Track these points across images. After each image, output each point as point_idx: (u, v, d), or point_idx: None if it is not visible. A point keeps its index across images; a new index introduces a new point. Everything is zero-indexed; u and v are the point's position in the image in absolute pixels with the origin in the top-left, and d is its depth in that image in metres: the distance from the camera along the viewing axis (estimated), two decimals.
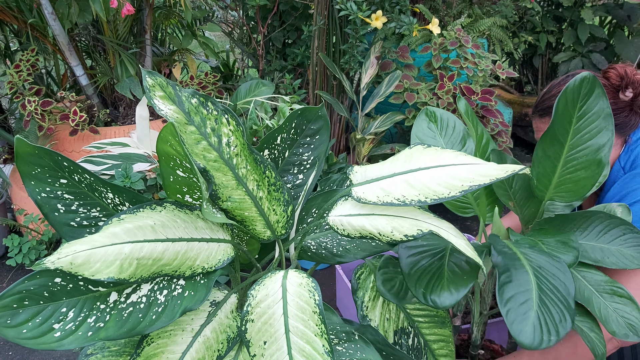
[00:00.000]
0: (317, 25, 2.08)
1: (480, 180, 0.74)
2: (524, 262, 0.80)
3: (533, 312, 0.72)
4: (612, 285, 0.86)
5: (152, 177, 1.80)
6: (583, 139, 0.89)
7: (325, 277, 2.02)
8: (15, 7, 1.98)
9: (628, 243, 0.88)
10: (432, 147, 0.84)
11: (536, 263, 0.79)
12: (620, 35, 2.89)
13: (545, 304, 0.73)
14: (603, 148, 0.88)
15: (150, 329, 0.73)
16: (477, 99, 2.00)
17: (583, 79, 0.87)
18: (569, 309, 0.73)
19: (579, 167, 0.90)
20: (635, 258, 0.86)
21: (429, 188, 0.75)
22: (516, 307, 0.73)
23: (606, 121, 0.87)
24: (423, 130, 1.05)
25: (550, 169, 0.92)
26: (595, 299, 0.85)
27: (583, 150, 0.89)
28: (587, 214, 0.92)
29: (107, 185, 0.85)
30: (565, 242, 0.84)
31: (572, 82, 0.88)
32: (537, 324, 0.71)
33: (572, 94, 0.88)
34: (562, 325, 0.71)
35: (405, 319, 0.97)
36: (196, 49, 2.74)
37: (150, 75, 0.84)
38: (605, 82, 1.22)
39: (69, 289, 0.74)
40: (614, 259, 0.87)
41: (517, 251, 0.82)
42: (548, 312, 0.72)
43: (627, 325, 0.82)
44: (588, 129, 0.88)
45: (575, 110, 0.88)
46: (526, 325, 0.71)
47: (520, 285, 0.76)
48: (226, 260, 0.83)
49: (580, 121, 0.89)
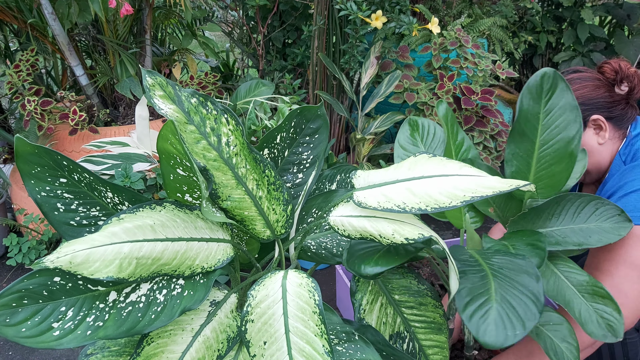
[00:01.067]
0: (317, 25, 2.08)
1: (483, 192, 0.73)
2: (483, 266, 0.80)
3: (493, 310, 0.71)
4: (594, 286, 0.86)
5: (152, 176, 1.80)
6: (552, 134, 0.90)
7: (325, 277, 2.02)
8: (15, 7, 1.98)
9: (603, 216, 0.88)
10: (437, 157, 0.84)
11: (497, 265, 0.79)
12: (620, 34, 2.89)
13: (507, 300, 0.72)
14: (573, 140, 0.89)
15: (149, 328, 0.73)
16: (477, 99, 2.00)
17: (543, 75, 0.89)
18: (536, 301, 0.71)
19: (553, 161, 0.90)
20: (615, 229, 0.86)
21: (430, 197, 0.75)
22: (475, 309, 0.72)
23: (573, 114, 0.88)
24: (405, 138, 1.06)
25: (524, 166, 0.93)
26: (577, 299, 0.85)
27: (554, 144, 0.90)
28: (557, 199, 0.92)
29: (107, 185, 0.85)
30: (533, 244, 0.85)
31: (532, 79, 0.89)
32: (499, 321, 0.70)
33: (535, 89, 0.89)
34: (528, 317, 0.70)
35: (401, 323, 0.97)
36: (196, 49, 2.74)
37: (150, 74, 0.84)
38: (601, 77, 1.23)
39: (68, 288, 0.74)
40: (597, 236, 0.87)
41: (477, 257, 0.83)
42: (510, 308, 0.71)
43: (607, 326, 0.81)
44: (556, 123, 0.89)
45: (542, 106, 0.89)
46: (488, 324, 0.70)
47: (478, 288, 0.75)
48: (226, 260, 0.83)
49: (547, 116, 0.89)
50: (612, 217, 0.87)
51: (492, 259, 0.81)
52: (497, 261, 0.80)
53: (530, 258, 0.81)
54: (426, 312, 0.98)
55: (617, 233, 0.85)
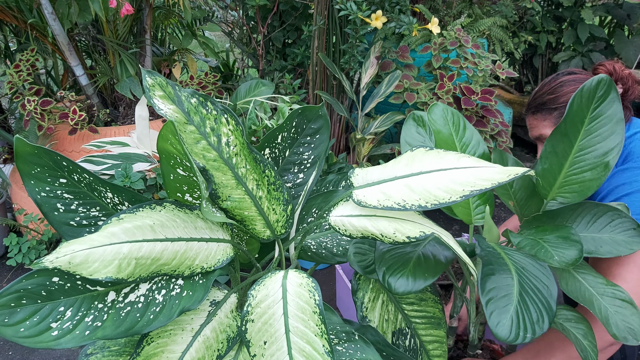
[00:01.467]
0: (317, 25, 2.08)
1: (482, 185, 0.73)
2: (507, 261, 0.80)
3: (513, 306, 0.73)
4: (613, 289, 0.86)
5: (152, 176, 1.80)
6: (593, 141, 0.89)
7: (325, 277, 2.02)
8: (15, 7, 1.98)
9: (618, 229, 0.88)
10: (434, 150, 0.83)
11: (520, 264, 0.80)
12: (620, 34, 2.89)
13: (525, 302, 0.74)
14: (612, 152, 0.88)
15: (147, 328, 0.73)
16: (477, 99, 2.00)
17: (600, 81, 0.87)
18: (549, 311, 0.73)
19: (586, 168, 0.90)
20: (628, 243, 0.86)
21: (429, 192, 0.75)
22: (497, 298, 0.74)
23: (617, 125, 0.87)
24: (412, 135, 1.05)
25: (556, 166, 0.92)
26: (597, 300, 0.85)
27: (592, 152, 0.89)
28: (573, 207, 0.92)
29: (106, 185, 0.84)
30: (566, 237, 0.84)
31: (588, 82, 0.87)
32: (515, 318, 0.72)
33: (588, 94, 0.88)
34: (539, 325, 0.72)
35: (403, 320, 0.98)
36: (196, 49, 2.74)
37: (150, 74, 0.84)
38: None
39: (66, 288, 0.74)
40: (608, 247, 0.86)
41: (501, 252, 0.83)
42: (527, 310, 0.73)
43: (627, 329, 0.81)
44: (599, 132, 0.88)
45: (589, 111, 0.88)
46: (505, 318, 0.72)
47: (502, 280, 0.76)
48: (225, 260, 0.83)
49: (592, 122, 0.88)
50: (627, 231, 0.87)
51: (514, 257, 0.81)
52: (519, 259, 0.81)
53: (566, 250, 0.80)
54: (426, 308, 0.98)
55: (630, 247, 0.85)
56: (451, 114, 1.04)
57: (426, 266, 0.83)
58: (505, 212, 2.49)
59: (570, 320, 0.90)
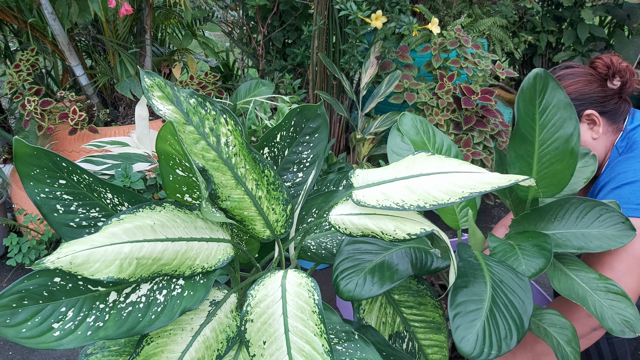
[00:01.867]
0: (317, 25, 2.08)
1: (481, 187, 0.74)
2: (485, 273, 0.80)
3: (480, 321, 0.73)
4: (606, 283, 0.86)
5: (152, 177, 1.80)
6: (550, 132, 0.90)
7: (325, 277, 2.02)
8: (15, 7, 1.98)
9: (607, 223, 0.88)
10: (436, 155, 0.84)
11: (498, 277, 0.80)
12: (620, 34, 2.89)
13: (495, 317, 0.74)
14: (572, 137, 0.89)
15: (149, 328, 0.73)
16: (477, 99, 2.00)
17: (536, 76, 0.89)
18: (519, 328, 0.73)
19: (554, 160, 0.91)
20: (617, 237, 0.86)
21: (429, 194, 0.75)
22: (465, 312, 0.74)
23: (567, 111, 0.89)
24: (398, 144, 1.06)
25: (526, 167, 0.93)
26: (590, 297, 0.85)
27: (553, 143, 0.90)
28: (561, 202, 0.93)
29: (106, 186, 0.85)
30: (540, 245, 0.85)
31: (525, 81, 0.90)
32: (481, 334, 0.71)
33: (529, 91, 0.90)
34: (506, 342, 0.71)
35: (401, 323, 0.98)
36: (196, 49, 2.74)
37: (148, 75, 0.84)
38: (593, 72, 1.24)
39: (68, 289, 0.74)
40: (598, 242, 0.87)
41: (482, 262, 0.83)
42: (495, 326, 0.73)
43: (623, 322, 0.82)
44: (552, 122, 0.90)
45: (536, 107, 0.90)
46: (470, 333, 0.71)
47: (474, 293, 0.76)
48: (226, 259, 0.83)
49: (542, 116, 0.90)
50: (615, 225, 0.87)
51: (494, 268, 0.82)
52: (498, 271, 0.81)
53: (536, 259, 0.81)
54: (425, 312, 0.98)
55: (620, 241, 0.86)
56: (420, 123, 1.06)
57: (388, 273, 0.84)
58: (505, 212, 2.49)
59: (556, 325, 0.90)
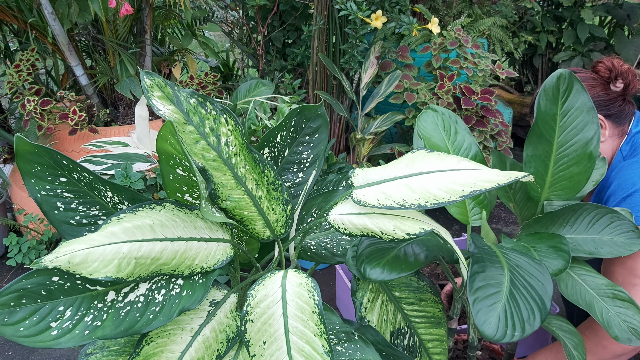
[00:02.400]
0: (317, 25, 2.08)
1: (482, 185, 0.73)
2: (501, 259, 0.80)
3: (501, 304, 0.72)
4: (613, 289, 0.86)
5: (152, 176, 1.80)
6: (570, 135, 0.89)
7: (325, 277, 2.02)
8: (15, 7, 1.98)
9: (617, 230, 0.88)
10: (434, 152, 0.84)
11: (514, 262, 0.80)
12: (620, 34, 2.89)
13: (515, 299, 0.73)
14: (591, 141, 0.88)
15: (147, 328, 0.73)
16: (477, 99, 2.00)
17: (559, 76, 0.88)
18: (542, 309, 0.72)
19: (571, 163, 0.90)
20: (627, 244, 0.86)
21: (429, 192, 0.75)
22: (484, 296, 0.73)
23: (590, 115, 0.88)
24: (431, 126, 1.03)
25: (542, 168, 0.92)
26: (597, 303, 0.85)
27: (572, 146, 0.89)
28: (574, 207, 0.92)
29: (106, 184, 0.85)
30: (556, 246, 0.85)
31: (548, 80, 0.88)
32: (502, 316, 0.71)
33: (552, 91, 0.89)
34: (529, 322, 0.71)
35: (402, 319, 0.98)
36: (196, 49, 2.74)
37: (148, 75, 0.84)
38: (595, 76, 1.24)
39: (66, 288, 0.74)
40: (608, 248, 0.87)
41: (497, 250, 0.83)
42: (517, 307, 0.72)
43: (630, 330, 0.81)
44: (574, 124, 0.89)
45: (558, 107, 0.89)
46: (492, 316, 0.71)
47: (492, 277, 0.76)
48: (225, 259, 0.83)
49: (564, 118, 0.89)
50: (626, 232, 0.88)
51: (509, 255, 0.81)
52: (514, 258, 0.80)
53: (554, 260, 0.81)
54: (426, 308, 0.99)
55: (629, 248, 0.86)
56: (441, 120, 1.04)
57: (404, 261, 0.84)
58: (506, 212, 2.49)
59: (564, 330, 0.90)
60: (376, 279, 0.80)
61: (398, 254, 0.85)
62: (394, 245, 0.87)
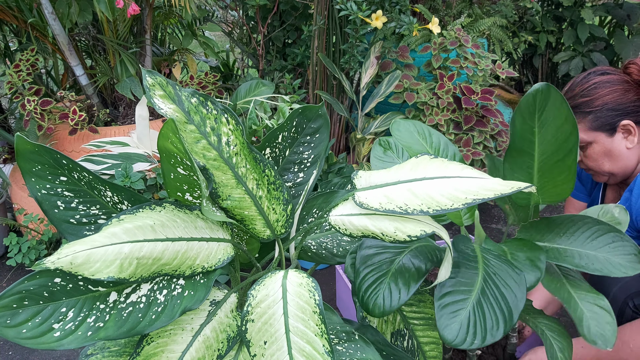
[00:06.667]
0: (317, 25, 2.08)
1: (485, 194, 0.73)
2: (479, 265, 0.80)
3: (465, 311, 0.73)
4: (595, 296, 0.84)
5: (152, 176, 1.80)
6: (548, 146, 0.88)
7: (325, 277, 2.02)
8: (15, 7, 1.98)
9: (617, 251, 0.86)
10: (438, 158, 0.84)
11: (493, 269, 0.80)
12: (620, 34, 2.89)
13: (482, 308, 0.74)
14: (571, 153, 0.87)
15: (149, 328, 0.73)
16: (477, 99, 2.00)
17: (536, 92, 0.86)
18: (507, 320, 0.73)
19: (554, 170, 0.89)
20: (622, 266, 0.83)
21: (432, 198, 0.75)
22: (450, 302, 0.74)
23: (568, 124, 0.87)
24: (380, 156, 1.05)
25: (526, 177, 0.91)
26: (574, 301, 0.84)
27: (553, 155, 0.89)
28: (574, 219, 0.91)
29: (106, 184, 0.85)
30: (533, 260, 0.84)
31: (524, 99, 0.87)
32: (465, 323, 0.72)
33: (528, 109, 0.88)
34: (492, 332, 0.72)
35: (401, 321, 0.98)
36: (196, 49, 2.74)
37: (150, 74, 0.84)
38: (628, 79, 1.21)
39: (68, 289, 0.74)
40: (599, 265, 0.85)
41: (479, 254, 0.83)
42: (481, 317, 0.73)
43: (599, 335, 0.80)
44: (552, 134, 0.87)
45: (535, 121, 0.88)
46: (454, 322, 0.72)
47: (463, 284, 0.77)
48: (226, 259, 0.83)
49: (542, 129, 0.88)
50: (627, 255, 0.85)
51: (491, 261, 0.81)
52: (494, 264, 0.81)
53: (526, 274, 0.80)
54: (424, 309, 0.99)
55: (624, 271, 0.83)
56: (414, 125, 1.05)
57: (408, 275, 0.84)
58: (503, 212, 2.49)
59: (553, 331, 0.90)
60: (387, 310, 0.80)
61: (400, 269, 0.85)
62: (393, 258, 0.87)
